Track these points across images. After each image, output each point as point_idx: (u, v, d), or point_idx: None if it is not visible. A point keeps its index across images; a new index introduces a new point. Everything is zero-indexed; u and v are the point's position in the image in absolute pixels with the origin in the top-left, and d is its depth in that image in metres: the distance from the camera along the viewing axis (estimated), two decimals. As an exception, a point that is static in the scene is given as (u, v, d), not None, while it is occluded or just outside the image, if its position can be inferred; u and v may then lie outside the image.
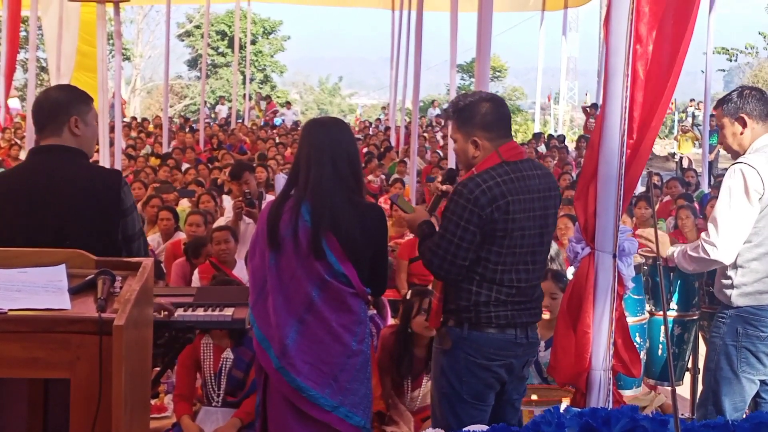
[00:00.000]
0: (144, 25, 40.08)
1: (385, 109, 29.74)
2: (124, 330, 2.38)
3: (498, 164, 3.76)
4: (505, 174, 3.74)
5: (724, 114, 4.30)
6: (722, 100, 4.36)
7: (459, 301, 3.79)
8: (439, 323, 3.90)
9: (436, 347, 3.94)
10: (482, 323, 3.77)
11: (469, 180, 3.75)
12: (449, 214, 3.74)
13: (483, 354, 3.78)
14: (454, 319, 3.83)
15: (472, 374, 3.80)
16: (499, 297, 3.76)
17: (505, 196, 3.69)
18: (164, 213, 8.36)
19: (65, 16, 11.58)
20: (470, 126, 3.84)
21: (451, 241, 3.71)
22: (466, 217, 3.68)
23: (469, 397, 3.81)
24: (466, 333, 3.78)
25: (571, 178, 12.14)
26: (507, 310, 3.78)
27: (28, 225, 3.49)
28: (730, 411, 4.15)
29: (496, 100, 3.92)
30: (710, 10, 11.81)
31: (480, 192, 3.67)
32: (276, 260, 3.80)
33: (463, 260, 3.71)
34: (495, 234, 3.70)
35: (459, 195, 3.72)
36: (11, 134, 17.23)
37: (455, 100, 3.98)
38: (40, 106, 3.75)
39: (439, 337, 3.92)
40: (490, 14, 5.69)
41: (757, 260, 4.13)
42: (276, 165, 13.19)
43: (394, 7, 21.78)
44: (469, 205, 3.67)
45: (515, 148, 3.86)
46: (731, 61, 32.12)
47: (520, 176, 3.76)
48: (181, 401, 5.34)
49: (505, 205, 3.68)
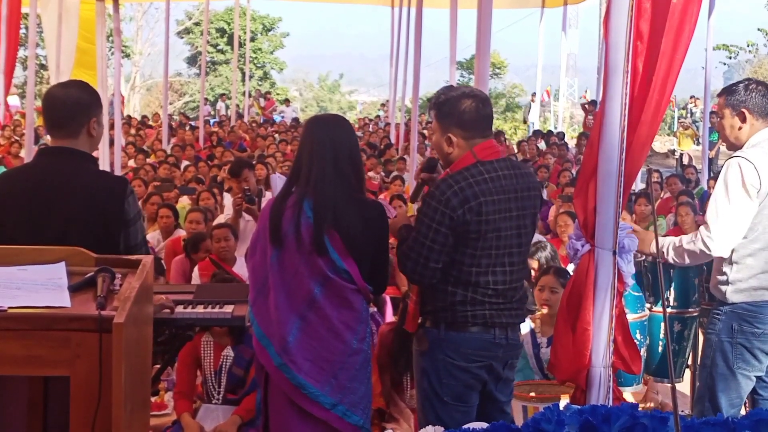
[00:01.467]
0: (143, 23, 40.05)
1: (384, 107, 29.73)
2: (124, 327, 2.38)
3: (472, 164, 3.70)
4: (479, 174, 3.67)
5: (727, 104, 4.27)
6: (728, 90, 4.31)
7: (435, 302, 3.75)
8: (416, 326, 3.86)
9: (415, 349, 3.89)
10: (459, 323, 3.72)
11: (442, 181, 3.70)
12: (422, 216, 3.70)
13: (461, 355, 3.73)
14: (431, 319, 3.78)
15: (451, 376, 3.74)
16: (475, 297, 3.70)
17: (477, 197, 3.62)
18: (164, 210, 8.38)
19: (65, 14, 11.56)
20: (447, 122, 3.77)
21: (423, 243, 3.66)
22: (438, 219, 3.63)
23: (450, 399, 3.76)
24: (443, 334, 3.73)
25: (571, 175, 12.15)
26: (485, 309, 3.72)
27: (30, 228, 3.47)
28: (726, 407, 4.14)
29: (478, 98, 3.80)
30: (710, 7, 11.81)
31: (452, 193, 3.62)
32: (278, 257, 3.80)
33: (435, 263, 3.66)
34: (468, 236, 3.65)
35: (431, 197, 3.68)
36: (11, 132, 17.21)
37: (438, 93, 3.90)
38: (62, 103, 3.64)
39: (417, 338, 3.87)
40: (489, 11, 5.68)
41: (752, 256, 4.12)
42: (275, 162, 13.19)
43: (394, 3, 21.74)
44: (440, 207, 3.62)
45: (491, 147, 3.79)
46: (731, 58, 32.11)
47: (495, 176, 3.69)
48: (182, 398, 5.34)
49: (478, 206, 3.62)
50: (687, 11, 3.78)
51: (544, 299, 5.20)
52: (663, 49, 3.76)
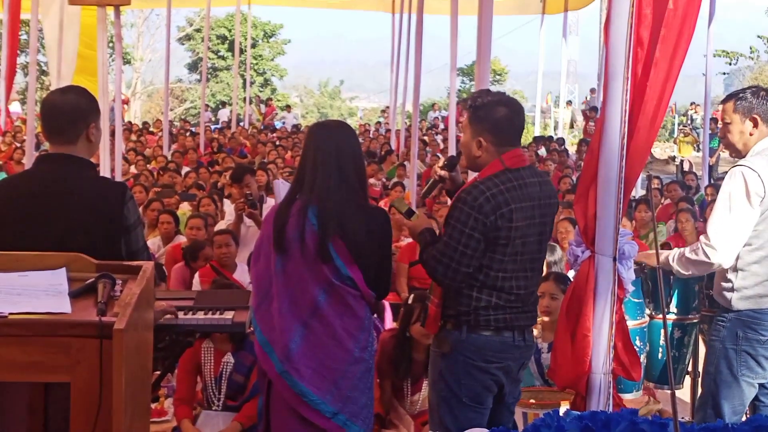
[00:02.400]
0: (144, 29, 40.13)
1: (384, 113, 29.73)
2: (124, 334, 2.38)
3: (501, 171, 3.77)
4: (508, 182, 3.74)
5: (736, 110, 4.24)
6: (735, 96, 4.29)
7: (459, 307, 3.80)
8: (437, 329, 3.90)
9: (434, 350, 3.94)
10: (480, 326, 3.78)
11: (473, 187, 3.75)
12: (453, 221, 3.74)
13: (481, 356, 3.79)
14: (452, 322, 3.83)
15: (470, 377, 3.80)
16: (498, 302, 3.77)
17: (508, 203, 3.70)
18: (165, 216, 8.38)
19: (66, 20, 11.57)
20: (480, 126, 3.83)
21: (455, 248, 3.70)
22: (471, 224, 3.68)
23: (468, 399, 3.82)
24: (464, 336, 3.79)
25: (571, 182, 12.16)
26: (505, 313, 3.79)
27: (31, 235, 3.46)
28: (729, 414, 4.14)
29: (514, 107, 3.88)
30: (710, 14, 11.82)
31: (484, 199, 3.68)
32: (283, 264, 3.80)
33: (467, 267, 3.72)
34: (498, 241, 3.71)
35: (463, 202, 3.72)
36: (11, 138, 17.22)
37: (476, 95, 3.98)
38: (59, 110, 3.65)
39: (438, 340, 3.92)
40: (490, 17, 5.69)
41: (758, 263, 4.12)
42: (276, 168, 13.20)
43: (395, 10, 21.76)
44: (473, 213, 3.68)
45: (519, 155, 3.85)
46: (731, 65, 32.13)
47: (522, 183, 3.77)
48: (182, 405, 5.34)
49: (509, 212, 3.69)
50: (687, 18, 3.79)
51: (544, 306, 5.19)
52: (662, 56, 3.76)
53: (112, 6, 8.35)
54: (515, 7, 24.27)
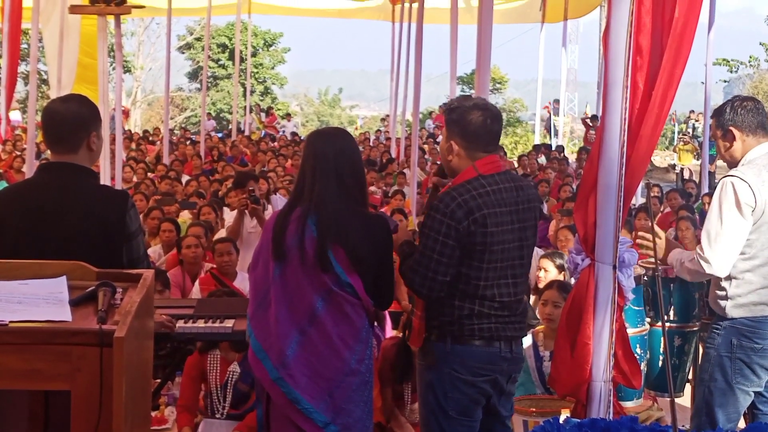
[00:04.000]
0: (145, 38, 40.14)
1: (384, 121, 29.75)
2: (124, 342, 2.38)
3: (474, 177, 3.74)
4: (481, 187, 3.71)
5: (717, 126, 4.30)
6: (717, 111, 4.34)
7: (442, 317, 3.76)
8: (421, 342, 3.86)
9: (420, 363, 3.90)
10: (465, 336, 3.73)
11: (445, 194, 3.73)
12: (426, 230, 3.71)
13: (468, 369, 3.74)
14: (436, 333, 3.79)
15: (457, 390, 3.76)
16: (482, 311, 3.72)
17: (481, 208, 3.66)
18: (166, 224, 8.37)
19: (66, 29, 11.61)
20: (452, 129, 3.81)
21: (430, 257, 3.67)
22: (444, 232, 3.65)
23: (455, 413, 3.77)
24: (449, 347, 3.75)
25: (571, 190, 12.16)
26: (491, 322, 3.74)
27: (32, 243, 3.47)
28: (723, 422, 4.13)
29: (489, 113, 3.82)
30: (710, 22, 11.84)
31: (456, 205, 3.65)
32: (281, 271, 3.78)
33: (444, 276, 3.68)
34: (474, 248, 3.67)
35: (435, 210, 3.70)
36: (12, 146, 17.23)
37: (452, 100, 4.00)
38: (61, 119, 3.65)
39: (423, 352, 3.87)
40: (490, 26, 5.70)
41: (751, 272, 4.12)
42: (276, 177, 13.20)
43: (395, 19, 21.78)
44: (446, 219, 3.65)
45: (493, 161, 3.81)
46: (732, 73, 32.17)
47: (496, 189, 3.73)
48: (184, 412, 5.34)
49: (482, 218, 3.65)
50: (686, 26, 3.80)
51: (546, 314, 5.19)
52: (662, 64, 3.77)
53: (113, 15, 8.36)
54: (515, 15, 24.31)
